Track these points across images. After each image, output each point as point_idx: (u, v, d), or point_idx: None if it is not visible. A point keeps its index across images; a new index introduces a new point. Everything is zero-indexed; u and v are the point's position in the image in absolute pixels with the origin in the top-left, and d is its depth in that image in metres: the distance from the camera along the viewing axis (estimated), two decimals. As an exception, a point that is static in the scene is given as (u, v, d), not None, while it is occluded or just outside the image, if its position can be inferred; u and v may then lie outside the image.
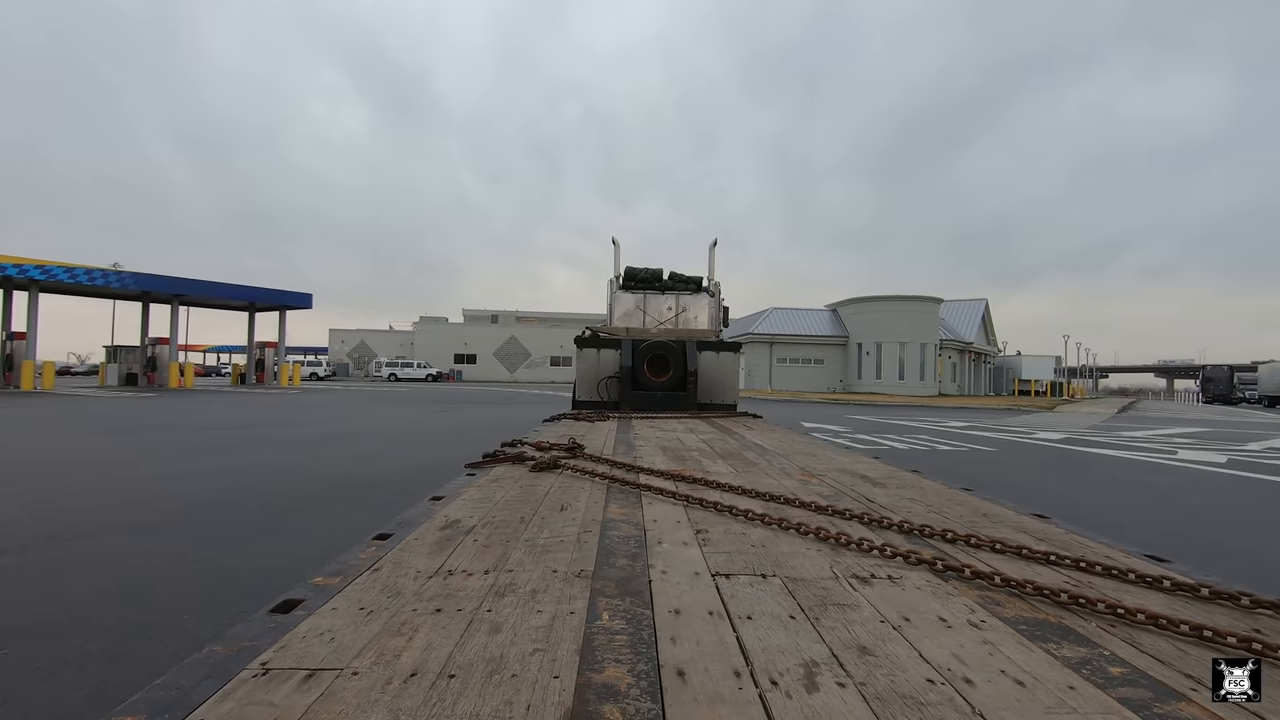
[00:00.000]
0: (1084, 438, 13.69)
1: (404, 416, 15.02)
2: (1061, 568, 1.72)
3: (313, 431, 11.26)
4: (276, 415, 14.61)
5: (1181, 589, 1.54)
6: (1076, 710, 0.99)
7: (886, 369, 39.32)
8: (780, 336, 42.40)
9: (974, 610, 1.40)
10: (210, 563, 3.74)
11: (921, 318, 39.56)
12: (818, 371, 42.32)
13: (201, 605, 3.12)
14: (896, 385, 38.81)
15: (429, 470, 7.09)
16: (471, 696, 0.98)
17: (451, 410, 17.62)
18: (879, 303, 40.57)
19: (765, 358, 42.32)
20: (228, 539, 4.26)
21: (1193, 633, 1.27)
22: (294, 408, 17.38)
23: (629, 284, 10.51)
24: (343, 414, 15.54)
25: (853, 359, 41.40)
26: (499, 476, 2.93)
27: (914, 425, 15.81)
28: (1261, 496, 7.06)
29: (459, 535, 1.90)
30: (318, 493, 5.85)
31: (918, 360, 39.13)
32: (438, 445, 9.73)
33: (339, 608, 1.32)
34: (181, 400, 19.90)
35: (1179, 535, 5.21)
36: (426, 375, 49.53)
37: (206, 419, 13.35)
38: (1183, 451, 11.34)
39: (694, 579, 1.56)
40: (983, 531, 2.03)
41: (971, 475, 7.75)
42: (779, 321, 44.26)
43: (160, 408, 16.40)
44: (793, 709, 0.97)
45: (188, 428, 11.49)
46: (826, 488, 2.88)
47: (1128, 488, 7.46)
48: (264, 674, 1.04)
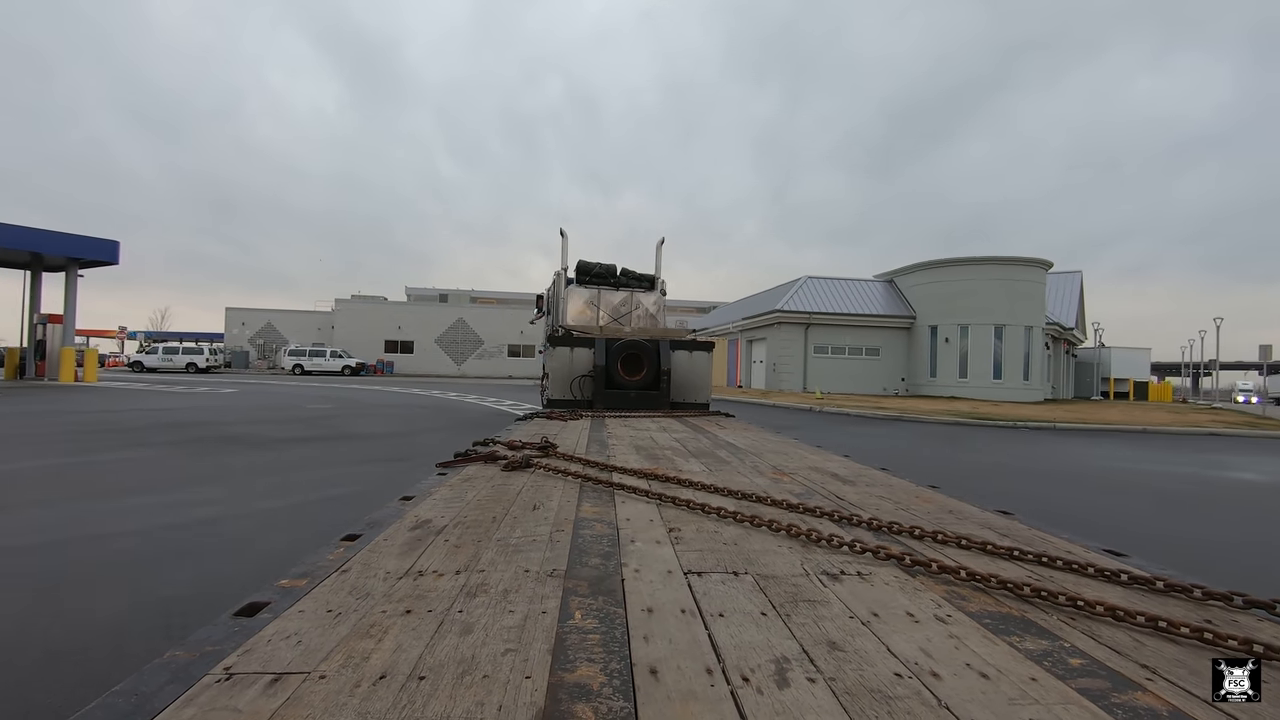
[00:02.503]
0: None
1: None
2: (1025, 562, 1.77)
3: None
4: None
5: (1139, 582, 1.59)
6: (1038, 701, 1.01)
7: (976, 362, 27.89)
8: (821, 316, 29.90)
9: (940, 605, 1.43)
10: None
11: (1025, 290, 27.88)
12: (871, 366, 30.56)
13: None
14: (990, 386, 27.37)
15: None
16: (442, 698, 0.97)
17: (203, 483, 5.99)
18: (963, 268, 28.58)
19: (799, 345, 30.13)
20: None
21: (1149, 624, 1.31)
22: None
23: (583, 279, 10.50)
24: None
25: (922, 348, 29.97)
26: (471, 476, 2.90)
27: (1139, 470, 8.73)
28: None
29: (430, 535, 1.88)
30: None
31: (1020, 350, 27.58)
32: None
33: (306, 610, 1.30)
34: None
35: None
36: (343, 367, 39.77)
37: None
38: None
39: (667, 577, 1.56)
40: (949, 528, 2.07)
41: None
42: (818, 295, 31.52)
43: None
44: (764, 705, 0.98)
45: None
46: (798, 486, 2.91)
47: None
48: (227, 679, 1.02)
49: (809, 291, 31.78)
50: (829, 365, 30.26)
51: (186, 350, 38.23)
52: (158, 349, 38.51)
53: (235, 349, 48.83)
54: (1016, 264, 28.15)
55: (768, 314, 30.82)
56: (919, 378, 30.11)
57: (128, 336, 58.27)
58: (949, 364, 28.71)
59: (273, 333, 51.08)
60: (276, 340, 50.28)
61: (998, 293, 27.69)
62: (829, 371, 30.08)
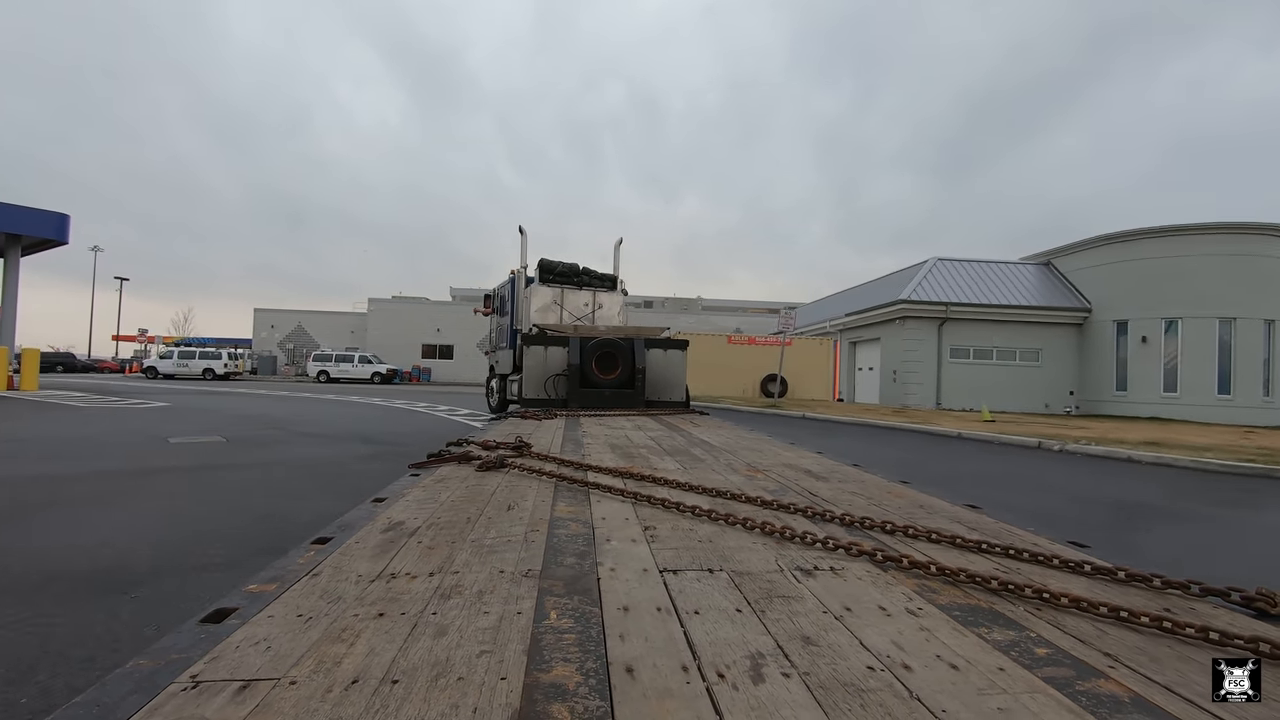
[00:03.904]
0: None
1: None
2: (992, 555, 1.81)
3: None
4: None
5: (1101, 573, 1.64)
6: (1006, 690, 1.04)
7: (1192, 371, 20.00)
8: (961, 309, 22.25)
9: (911, 598, 1.45)
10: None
11: (1266, 270, 19.83)
12: (1026, 376, 22.64)
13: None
14: (1213, 405, 19.52)
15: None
16: (416, 701, 0.96)
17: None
18: (1167, 240, 20.69)
19: (930, 346, 22.38)
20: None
21: (1111, 614, 1.35)
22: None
23: (546, 278, 10.42)
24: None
25: (1102, 350, 22.03)
26: (444, 476, 2.87)
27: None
28: None
29: (403, 537, 1.86)
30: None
31: (1257, 354, 19.79)
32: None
33: (276, 615, 1.27)
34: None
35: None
36: (372, 374, 35.64)
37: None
38: None
39: (642, 576, 1.57)
40: (920, 522, 2.11)
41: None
42: (953, 281, 23.53)
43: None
44: (739, 700, 0.98)
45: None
46: (772, 483, 2.93)
47: None
48: (194, 687, 0.99)
49: (941, 276, 23.49)
50: (969, 374, 22.31)
51: (204, 355, 35.43)
52: (173, 354, 35.84)
53: (262, 353, 44.77)
54: (1249, 233, 19.79)
55: (885, 307, 23.28)
56: (1098, 391, 21.97)
57: (155, 340, 53.98)
58: (1147, 372, 20.73)
59: (303, 335, 47.07)
60: (307, 344, 45.87)
61: (1222, 273, 19.59)
62: (969, 381, 22.14)
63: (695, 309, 53.50)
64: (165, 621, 2.49)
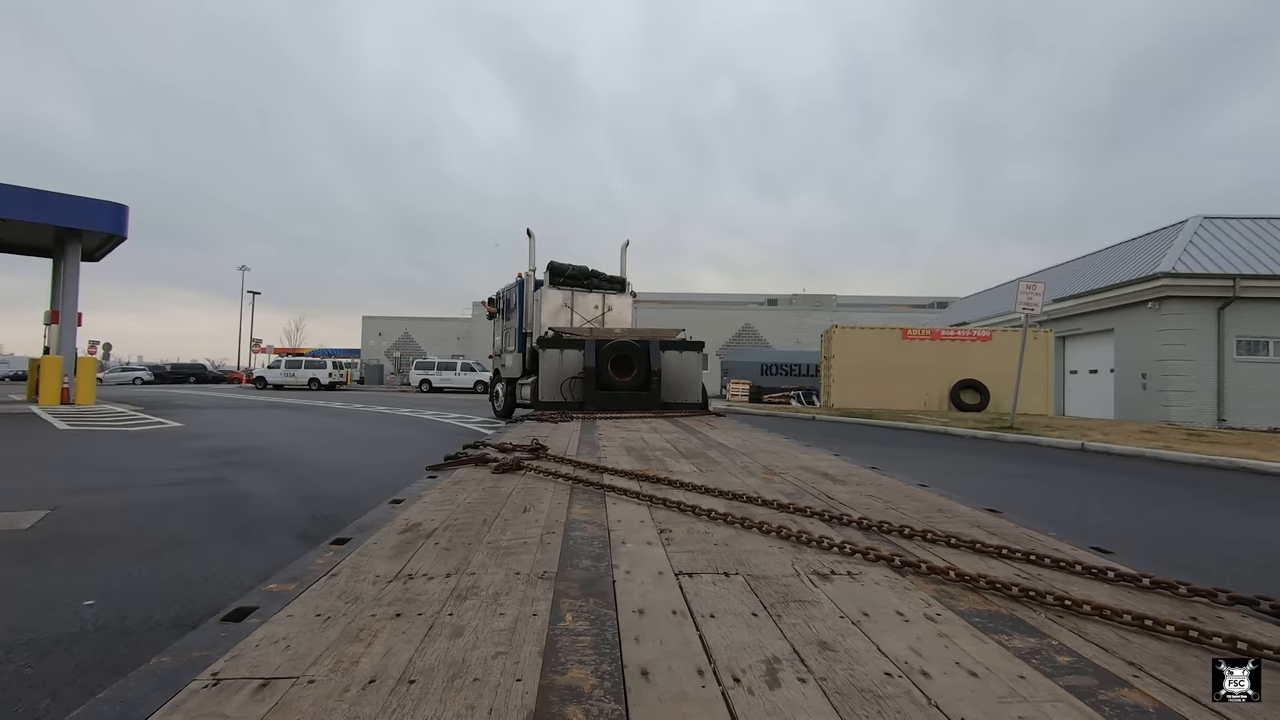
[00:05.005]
0: None
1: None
2: (1013, 561, 1.78)
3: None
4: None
5: (1125, 579, 1.61)
6: (1027, 699, 1.02)
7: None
8: (1256, 284, 15.51)
9: (930, 604, 1.43)
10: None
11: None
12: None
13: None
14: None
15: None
16: (432, 701, 0.96)
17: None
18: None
19: (1206, 337, 15.77)
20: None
21: (1135, 622, 1.32)
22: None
23: (556, 280, 10.43)
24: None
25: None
26: (461, 479, 2.89)
27: None
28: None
29: (420, 539, 1.87)
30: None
31: None
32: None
33: (295, 614, 1.29)
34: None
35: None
36: (475, 383, 32.43)
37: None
38: None
39: (658, 579, 1.56)
40: (939, 527, 2.08)
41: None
42: (1235, 246, 16.66)
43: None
44: (755, 706, 0.98)
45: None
46: (788, 485, 2.92)
47: None
48: (215, 685, 1.01)
49: (1216, 240, 16.85)
50: (1264, 375, 15.70)
51: (309, 365, 35.65)
52: (280, 364, 36.11)
53: (369, 362, 44.34)
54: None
55: (1128, 286, 16.72)
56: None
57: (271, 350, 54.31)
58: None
59: (409, 343, 46.90)
60: (414, 351, 44.76)
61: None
62: (1260, 386, 15.59)
63: (829, 305, 46.84)
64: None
